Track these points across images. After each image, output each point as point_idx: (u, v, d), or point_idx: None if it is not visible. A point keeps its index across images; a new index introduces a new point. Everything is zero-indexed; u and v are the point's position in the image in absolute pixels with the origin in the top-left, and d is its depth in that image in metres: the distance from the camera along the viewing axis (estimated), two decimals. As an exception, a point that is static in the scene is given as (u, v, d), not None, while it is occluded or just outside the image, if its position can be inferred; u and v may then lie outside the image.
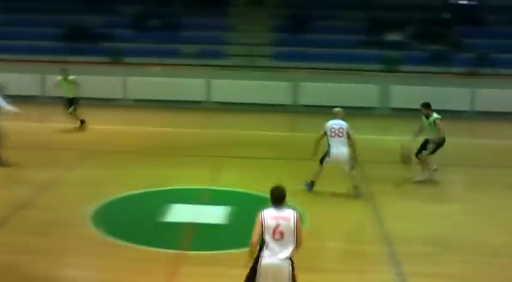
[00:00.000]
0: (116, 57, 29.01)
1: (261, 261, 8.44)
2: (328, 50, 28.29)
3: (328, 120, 15.35)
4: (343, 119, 15.44)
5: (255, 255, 8.55)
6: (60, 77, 22.69)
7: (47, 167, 17.46)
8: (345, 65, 27.77)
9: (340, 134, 15.08)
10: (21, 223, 13.25)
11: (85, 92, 27.72)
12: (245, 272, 9.33)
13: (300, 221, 8.55)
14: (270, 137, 22.16)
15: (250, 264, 8.59)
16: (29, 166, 17.62)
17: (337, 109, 15.65)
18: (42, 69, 28.04)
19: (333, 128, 15.18)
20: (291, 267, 8.43)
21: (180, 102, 27.25)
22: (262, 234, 8.43)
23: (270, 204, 8.59)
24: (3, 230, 12.86)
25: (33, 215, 13.75)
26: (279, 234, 8.35)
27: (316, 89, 27.16)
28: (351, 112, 16.79)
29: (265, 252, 8.42)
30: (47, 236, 12.53)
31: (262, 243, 8.47)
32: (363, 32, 29.63)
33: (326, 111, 16.23)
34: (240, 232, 13.38)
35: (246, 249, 8.29)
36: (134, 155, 19.30)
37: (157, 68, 28.08)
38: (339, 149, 15.14)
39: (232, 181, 16.27)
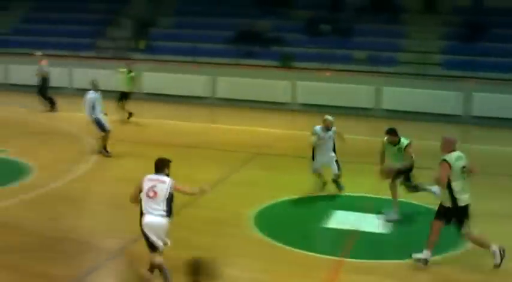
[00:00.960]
0: (285, 61, 29.25)
1: (143, 220, 9.95)
2: (504, 59, 27.22)
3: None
4: (328, 127, 15.82)
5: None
6: (123, 70, 23.21)
7: (214, 167, 17.87)
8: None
9: None
10: (185, 221, 13.50)
11: (254, 94, 28.14)
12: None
13: (176, 183, 10.11)
14: (436, 147, 21.54)
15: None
16: (197, 165, 18.06)
17: (326, 117, 16.01)
18: (213, 71, 28.77)
19: None
20: (167, 221, 10.04)
21: (349, 109, 27.01)
22: (140, 194, 10.04)
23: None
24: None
25: (197, 213, 14.03)
26: (152, 193, 9.92)
27: (489, 100, 26.11)
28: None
29: (144, 211, 9.96)
30: (208, 235, 12.75)
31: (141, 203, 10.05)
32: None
33: (499, 123, 15.53)
34: (401, 242, 13.14)
35: (406, 261, 7.99)
36: (298, 159, 19.29)
37: (327, 74, 28.04)
38: None
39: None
